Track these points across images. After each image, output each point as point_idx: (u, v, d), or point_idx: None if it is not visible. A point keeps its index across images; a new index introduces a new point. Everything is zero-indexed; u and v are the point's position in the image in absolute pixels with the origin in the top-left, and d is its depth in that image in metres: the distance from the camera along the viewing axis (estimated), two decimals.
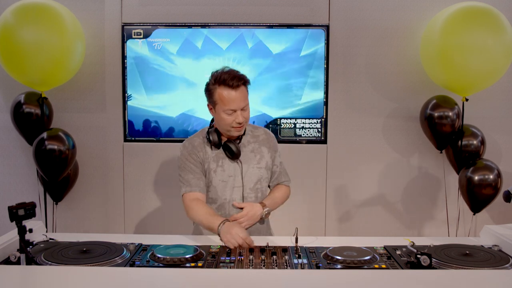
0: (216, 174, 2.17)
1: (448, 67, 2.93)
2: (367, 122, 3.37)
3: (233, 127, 2.11)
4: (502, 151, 3.39)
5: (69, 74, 3.08)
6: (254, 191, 2.20)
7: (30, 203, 1.67)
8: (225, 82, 2.05)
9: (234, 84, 2.05)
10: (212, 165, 2.18)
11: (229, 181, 2.17)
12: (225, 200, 2.18)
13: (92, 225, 3.41)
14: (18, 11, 2.86)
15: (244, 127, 2.14)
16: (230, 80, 2.05)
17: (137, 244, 1.86)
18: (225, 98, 2.06)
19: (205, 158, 2.18)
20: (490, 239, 1.97)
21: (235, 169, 2.17)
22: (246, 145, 2.22)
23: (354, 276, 1.56)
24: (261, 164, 2.21)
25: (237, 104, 2.06)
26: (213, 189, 2.18)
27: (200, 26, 3.28)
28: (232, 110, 2.07)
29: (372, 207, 3.43)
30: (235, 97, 2.05)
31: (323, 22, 3.29)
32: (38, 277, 1.54)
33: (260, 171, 2.21)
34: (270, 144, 2.27)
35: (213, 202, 2.20)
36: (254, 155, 2.21)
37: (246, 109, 2.10)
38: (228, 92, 2.05)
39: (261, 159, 2.22)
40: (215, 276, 1.56)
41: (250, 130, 2.27)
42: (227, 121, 2.10)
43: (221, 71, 2.10)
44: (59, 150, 3.01)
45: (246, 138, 2.23)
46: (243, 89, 2.08)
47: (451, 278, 1.55)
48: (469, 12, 2.91)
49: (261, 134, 2.28)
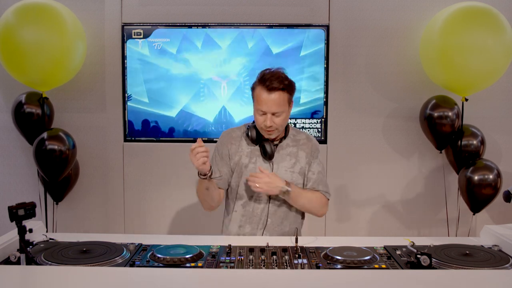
0: (247, 170, 2.14)
1: (448, 67, 2.93)
2: (367, 122, 3.37)
3: (262, 128, 2.09)
4: (502, 151, 3.39)
5: (69, 74, 3.09)
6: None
7: (30, 203, 1.67)
8: (264, 82, 2.02)
9: (269, 86, 2.00)
10: (245, 160, 2.16)
11: None
12: (251, 198, 2.16)
13: (92, 225, 3.41)
14: (19, 11, 2.86)
15: (274, 132, 2.09)
16: (268, 81, 2.01)
17: (137, 244, 1.86)
18: (258, 98, 2.04)
19: (237, 151, 2.17)
20: (490, 239, 1.97)
21: (267, 169, 2.14)
22: (284, 147, 2.18)
23: (354, 276, 1.56)
24: (295, 169, 2.17)
25: (268, 107, 2.02)
26: (243, 184, 2.15)
27: (200, 26, 3.28)
28: (262, 111, 2.04)
29: (372, 207, 3.43)
30: (267, 100, 2.01)
31: (323, 22, 3.29)
32: (38, 277, 1.54)
33: (293, 175, 2.16)
34: (310, 149, 2.21)
35: (240, 198, 2.17)
36: (290, 159, 2.17)
37: (279, 115, 2.04)
38: (263, 93, 2.02)
39: (296, 163, 2.18)
40: (215, 276, 1.56)
41: (293, 134, 2.23)
42: (258, 121, 2.08)
43: (269, 70, 2.07)
44: (59, 150, 3.01)
45: (286, 141, 2.20)
46: (280, 94, 2.02)
47: (451, 278, 1.55)
48: (469, 12, 2.91)
49: (303, 139, 2.23)
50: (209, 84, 3.32)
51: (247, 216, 2.17)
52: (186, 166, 3.35)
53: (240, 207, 2.18)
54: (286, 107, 2.06)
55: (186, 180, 3.36)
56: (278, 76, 2.03)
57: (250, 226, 2.17)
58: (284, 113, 2.06)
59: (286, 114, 2.08)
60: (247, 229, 2.18)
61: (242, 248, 1.83)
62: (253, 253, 1.77)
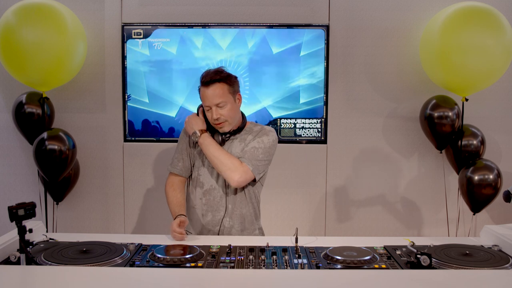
0: (206, 159, 2.21)
1: (448, 67, 2.93)
2: (367, 122, 3.37)
3: (214, 124, 2.16)
4: (502, 151, 3.39)
5: (70, 74, 3.08)
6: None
7: (30, 203, 1.67)
8: (201, 80, 2.14)
9: (206, 81, 2.11)
10: None
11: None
12: (211, 187, 2.22)
13: (92, 225, 3.41)
14: (19, 11, 2.85)
15: (224, 124, 2.16)
16: (204, 77, 2.12)
17: (137, 244, 1.86)
18: (201, 96, 2.16)
19: None
20: (490, 239, 1.97)
21: None
22: (237, 137, 2.24)
23: (354, 276, 1.56)
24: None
25: (210, 101, 2.11)
26: (203, 172, 2.23)
27: (200, 26, 3.28)
28: (207, 106, 2.13)
29: (372, 207, 3.43)
30: (208, 94, 2.11)
31: (323, 22, 3.29)
32: (38, 277, 1.54)
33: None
34: (259, 134, 2.23)
35: (201, 186, 2.23)
36: (239, 144, 2.22)
37: (222, 106, 2.12)
38: (202, 89, 2.14)
39: (244, 147, 2.21)
40: (215, 276, 1.56)
41: (249, 127, 2.28)
42: (208, 117, 2.17)
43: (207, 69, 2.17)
44: (59, 150, 3.01)
45: (243, 135, 2.24)
46: (218, 86, 2.10)
47: (451, 278, 1.55)
48: (469, 12, 2.91)
49: (256, 128, 2.26)
50: None
51: (208, 204, 2.22)
52: None
53: (202, 195, 2.23)
54: (228, 98, 2.13)
55: None
56: (215, 71, 2.14)
57: (212, 214, 2.22)
58: (229, 104, 2.13)
59: (231, 105, 2.14)
60: (209, 217, 2.22)
61: (242, 248, 1.84)
62: (253, 253, 1.77)
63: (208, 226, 2.23)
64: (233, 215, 2.22)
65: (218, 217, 2.22)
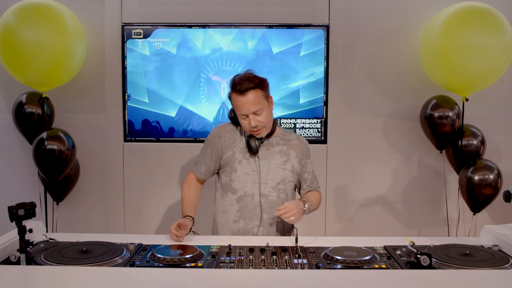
0: (241, 165, 2.17)
1: (448, 67, 2.93)
2: (367, 122, 3.37)
3: (250, 131, 2.13)
4: (502, 151, 3.39)
5: (70, 74, 3.08)
6: (276, 190, 2.18)
7: (30, 203, 1.67)
8: (235, 88, 2.07)
9: (241, 89, 2.05)
10: (238, 155, 2.18)
11: (251, 175, 2.16)
12: (245, 193, 2.17)
13: (92, 225, 3.41)
14: (19, 11, 2.85)
15: (262, 130, 2.13)
16: (238, 85, 2.06)
17: (137, 244, 1.86)
18: (236, 104, 2.09)
19: (231, 146, 2.19)
20: (490, 239, 1.97)
21: (253, 163, 2.17)
22: (274, 145, 2.21)
23: (354, 276, 1.56)
24: (286, 166, 2.20)
25: (247, 109, 2.06)
26: (236, 179, 2.18)
27: (200, 26, 3.28)
28: (244, 115, 2.09)
29: (372, 207, 3.43)
30: (244, 102, 2.06)
31: (323, 22, 3.29)
32: (38, 277, 1.54)
33: (285, 172, 2.19)
34: (301, 150, 2.25)
35: (235, 193, 2.18)
36: (281, 156, 2.20)
37: (259, 113, 2.08)
38: (238, 97, 2.07)
39: (287, 161, 2.20)
40: (215, 276, 1.56)
41: (282, 134, 2.27)
42: (244, 125, 2.13)
43: (236, 75, 2.11)
44: (58, 150, 3.01)
45: (276, 139, 2.22)
46: (253, 93, 2.06)
47: (451, 278, 1.55)
48: (469, 12, 2.91)
49: (293, 139, 2.27)
50: (209, 84, 3.32)
51: (241, 211, 2.18)
52: (186, 166, 3.36)
53: (235, 202, 2.19)
54: (264, 104, 2.10)
55: None
56: (247, 77, 2.08)
57: (244, 221, 2.18)
58: (265, 110, 2.10)
59: (267, 111, 2.12)
60: (241, 224, 2.19)
61: (242, 248, 1.84)
62: (253, 253, 1.77)
63: (238, 233, 2.18)
64: (267, 225, 2.18)
65: (250, 225, 2.17)
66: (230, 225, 2.20)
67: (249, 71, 2.13)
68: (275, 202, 2.17)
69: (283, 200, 2.19)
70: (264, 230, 2.17)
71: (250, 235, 2.17)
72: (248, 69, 2.15)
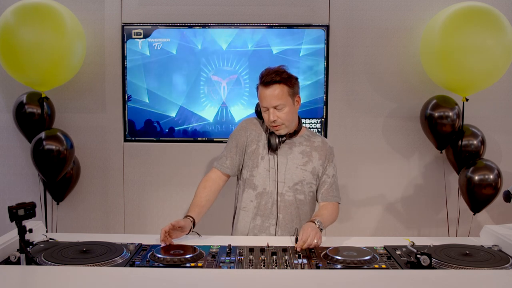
0: (263, 161, 2.14)
1: (448, 67, 2.93)
2: (367, 122, 3.37)
3: (270, 125, 2.09)
4: (502, 151, 3.39)
5: (69, 74, 3.08)
6: (293, 190, 2.14)
7: (30, 203, 1.67)
8: (261, 79, 2.06)
9: (265, 81, 2.03)
10: (262, 151, 2.14)
11: (271, 172, 2.13)
12: (264, 190, 2.14)
13: (92, 225, 3.41)
14: (18, 11, 2.85)
15: (281, 127, 2.08)
16: (264, 76, 2.04)
17: (137, 244, 1.86)
18: (260, 95, 2.08)
19: (255, 140, 2.16)
20: (490, 239, 1.97)
21: (272, 160, 2.14)
22: (297, 145, 2.18)
23: (354, 276, 1.56)
24: (307, 167, 2.16)
25: (268, 102, 2.04)
26: (258, 175, 2.14)
27: (200, 26, 3.28)
28: (264, 107, 2.06)
29: (372, 207, 3.43)
30: (266, 94, 2.04)
31: (323, 22, 3.29)
32: (38, 277, 1.54)
33: (304, 173, 2.15)
34: (325, 152, 2.20)
35: (254, 189, 2.15)
36: (302, 157, 2.16)
37: (280, 108, 2.04)
38: (261, 89, 2.06)
39: (308, 162, 2.16)
40: (215, 276, 1.56)
41: (307, 135, 2.22)
42: (265, 118, 2.10)
43: (268, 68, 2.08)
44: (57, 150, 3.00)
45: (299, 140, 2.19)
46: (278, 87, 2.03)
47: (451, 278, 1.55)
48: (469, 12, 2.91)
49: (318, 141, 2.22)
50: (209, 84, 3.32)
51: (258, 207, 2.15)
52: (186, 166, 3.36)
53: (254, 198, 2.15)
54: (287, 100, 2.05)
55: (186, 180, 3.36)
56: (275, 71, 2.05)
57: (261, 219, 2.15)
58: (287, 107, 2.05)
59: (289, 108, 2.06)
60: (257, 221, 2.15)
61: (242, 248, 1.83)
62: (253, 253, 1.77)
63: (254, 230, 2.15)
64: (283, 225, 2.14)
65: (267, 223, 2.14)
66: (249, 222, 2.16)
67: (282, 66, 2.09)
68: (291, 203, 2.15)
69: (299, 202, 2.15)
70: (279, 230, 2.14)
71: (266, 234, 2.14)
72: (282, 64, 2.10)
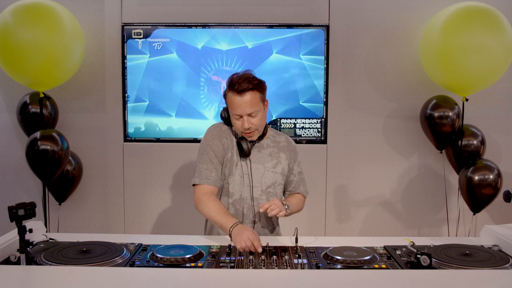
0: (237, 168, 2.12)
1: (448, 67, 2.93)
2: (367, 122, 3.37)
3: (242, 132, 2.07)
4: (502, 151, 3.39)
5: (67, 74, 3.08)
6: (266, 194, 2.15)
7: (30, 203, 1.67)
8: (233, 86, 2.01)
9: (239, 89, 1.99)
10: (236, 158, 2.13)
11: (244, 178, 2.12)
12: (240, 197, 2.13)
13: (92, 225, 3.41)
14: (16, 11, 2.85)
15: (254, 133, 2.08)
16: (236, 85, 2.00)
17: (137, 244, 1.86)
18: (231, 103, 2.03)
19: (229, 146, 2.14)
20: (490, 239, 1.97)
21: (244, 166, 2.13)
22: (265, 147, 2.17)
23: (354, 276, 1.56)
24: (277, 169, 2.17)
25: (242, 110, 2.01)
26: (232, 182, 2.12)
27: (200, 26, 3.28)
28: (238, 115, 2.03)
29: (372, 207, 3.43)
30: (240, 102, 2.00)
31: (323, 22, 3.29)
32: (38, 277, 1.54)
33: (275, 175, 2.16)
34: (290, 152, 2.22)
35: (230, 196, 2.13)
36: (271, 159, 2.17)
37: (254, 115, 2.03)
38: (234, 97, 2.01)
39: (277, 164, 2.17)
40: (215, 276, 1.56)
41: (272, 135, 2.23)
42: (236, 125, 2.07)
43: (236, 74, 2.05)
44: (52, 151, 2.99)
45: (266, 142, 2.19)
46: (251, 94, 2.00)
47: (451, 278, 1.55)
48: (469, 12, 2.91)
49: (282, 141, 2.23)
50: (209, 84, 3.32)
51: (237, 215, 2.13)
52: (186, 166, 3.36)
53: (231, 206, 2.14)
54: (260, 106, 2.05)
55: (186, 180, 3.36)
56: (246, 77, 2.02)
57: None
58: (260, 112, 2.05)
59: (262, 114, 2.07)
60: None
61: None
62: (253, 253, 1.77)
63: None
64: (259, 228, 2.15)
65: None
66: None
67: (248, 71, 2.07)
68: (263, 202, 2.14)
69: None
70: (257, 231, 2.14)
71: None
72: (247, 69, 2.09)
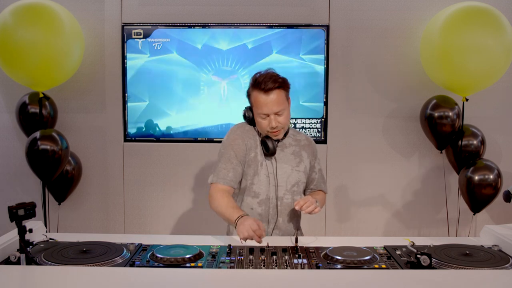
0: (263, 168, 2.12)
1: (448, 67, 2.93)
2: (367, 122, 3.37)
3: (268, 131, 2.07)
4: (502, 151, 3.39)
5: (66, 74, 3.08)
6: (291, 193, 2.15)
7: (30, 203, 1.67)
8: (259, 85, 2.01)
9: (266, 88, 1.99)
10: (260, 158, 2.12)
11: (269, 178, 2.12)
12: (266, 196, 2.12)
13: (92, 225, 3.41)
14: (15, 11, 2.85)
15: (280, 132, 2.08)
16: (263, 83, 2.00)
17: (137, 244, 1.86)
18: (258, 102, 2.03)
19: (253, 146, 2.12)
20: (490, 239, 1.97)
21: (270, 166, 2.12)
22: (287, 146, 2.18)
23: (354, 276, 1.56)
24: (300, 168, 2.17)
25: (269, 109, 2.01)
26: (258, 182, 2.11)
27: (200, 26, 3.28)
28: (265, 114, 2.03)
29: (372, 207, 3.43)
30: (267, 101, 2.00)
31: (323, 22, 3.29)
32: (38, 277, 1.54)
33: (299, 174, 2.16)
34: (311, 150, 2.23)
35: (256, 196, 2.12)
36: (294, 158, 2.17)
37: (281, 113, 2.03)
38: (260, 96, 2.01)
39: (300, 162, 2.17)
40: (215, 276, 1.55)
41: (292, 134, 2.23)
42: (262, 125, 2.06)
43: (259, 73, 2.05)
44: (52, 150, 2.99)
45: (288, 140, 2.19)
46: (278, 93, 2.00)
47: (451, 278, 1.55)
48: (469, 12, 2.91)
49: (303, 140, 2.24)
50: (209, 84, 3.32)
51: (263, 214, 2.13)
52: (186, 166, 3.36)
53: (257, 205, 2.13)
54: (286, 105, 2.06)
55: (186, 180, 3.36)
56: (271, 76, 2.02)
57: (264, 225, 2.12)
58: (286, 111, 2.06)
59: (287, 112, 2.07)
60: None
61: (242, 248, 1.83)
62: (253, 253, 1.77)
63: None
64: (282, 226, 2.16)
65: (268, 229, 2.14)
66: None
67: (271, 70, 2.07)
68: (290, 205, 2.15)
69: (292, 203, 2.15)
70: (279, 232, 2.15)
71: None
72: (269, 68, 2.08)
